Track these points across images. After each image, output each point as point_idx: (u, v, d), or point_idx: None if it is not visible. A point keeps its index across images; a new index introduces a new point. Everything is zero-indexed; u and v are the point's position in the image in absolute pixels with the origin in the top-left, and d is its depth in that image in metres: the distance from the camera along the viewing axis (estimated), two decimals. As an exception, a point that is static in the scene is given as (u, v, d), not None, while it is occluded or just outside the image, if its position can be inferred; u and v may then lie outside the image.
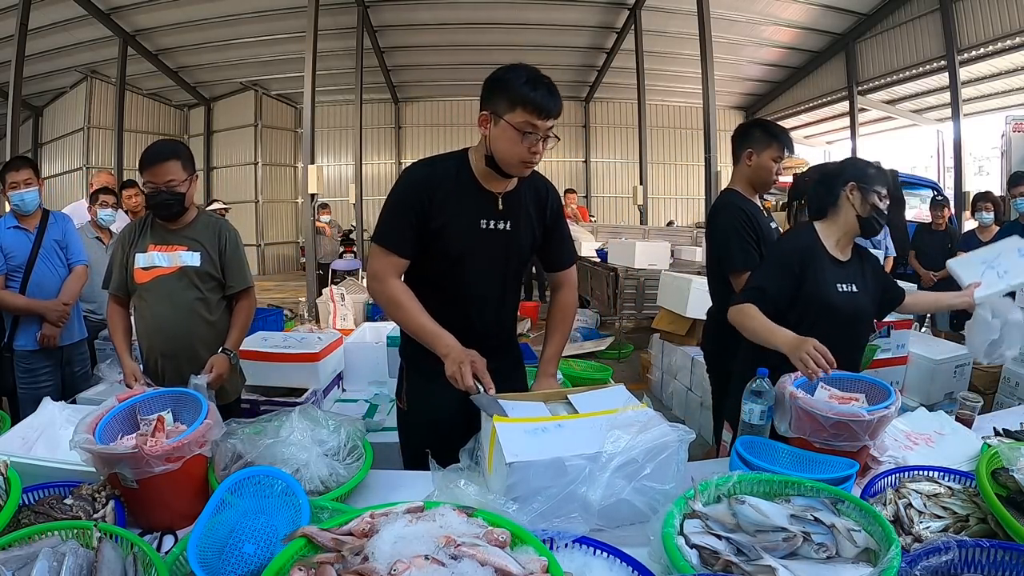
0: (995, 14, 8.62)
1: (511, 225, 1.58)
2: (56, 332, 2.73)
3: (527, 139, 1.43)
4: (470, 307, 1.61)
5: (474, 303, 1.61)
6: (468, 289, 1.59)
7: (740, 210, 2.13)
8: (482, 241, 1.56)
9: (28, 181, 2.70)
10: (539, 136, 1.44)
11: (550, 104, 1.43)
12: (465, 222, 1.54)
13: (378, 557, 0.85)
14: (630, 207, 12.98)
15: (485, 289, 1.61)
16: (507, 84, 1.43)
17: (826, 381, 1.55)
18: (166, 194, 2.00)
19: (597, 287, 6.59)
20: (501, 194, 1.56)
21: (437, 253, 1.55)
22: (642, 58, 10.54)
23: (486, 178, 1.55)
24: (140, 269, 2.06)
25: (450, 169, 1.55)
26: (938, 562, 0.94)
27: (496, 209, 1.56)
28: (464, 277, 1.58)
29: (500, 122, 1.44)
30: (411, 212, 1.51)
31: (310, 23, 7.64)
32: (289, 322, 5.44)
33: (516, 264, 1.66)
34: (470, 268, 1.57)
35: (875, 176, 1.74)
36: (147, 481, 1.19)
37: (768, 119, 2.16)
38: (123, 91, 10.67)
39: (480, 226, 1.55)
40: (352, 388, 3.16)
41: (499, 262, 1.60)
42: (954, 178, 8.99)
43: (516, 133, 1.42)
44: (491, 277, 1.61)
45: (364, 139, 12.06)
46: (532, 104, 1.41)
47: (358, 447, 1.44)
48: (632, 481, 1.12)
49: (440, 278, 1.58)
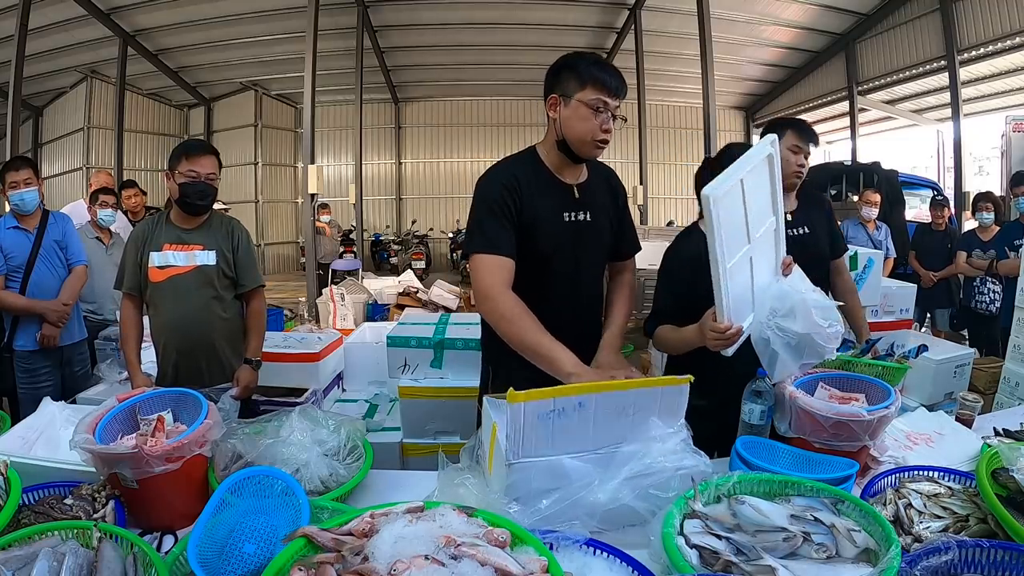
0: (995, 14, 8.62)
1: (591, 215, 1.58)
2: (56, 332, 2.73)
3: (599, 116, 1.45)
4: (566, 306, 1.56)
5: (569, 301, 1.58)
6: (563, 287, 1.56)
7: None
8: (568, 234, 1.54)
9: (28, 181, 2.70)
10: (610, 113, 1.45)
11: (619, 82, 1.46)
12: (551, 216, 1.53)
13: (378, 557, 0.85)
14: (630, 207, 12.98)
15: (578, 285, 1.59)
16: (576, 66, 1.46)
17: (826, 381, 1.55)
18: (205, 184, 2.08)
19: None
20: (576, 184, 1.57)
21: (528, 253, 1.50)
22: (642, 58, 10.54)
23: (559, 169, 1.56)
24: (155, 268, 2.10)
25: (527, 166, 1.55)
26: (938, 562, 0.93)
27: (573, 199, 1.56)
28: (557, 274, 1.55)
29: (571, 102, 1.45)
30: (506, 211, 1.48)
31: (310, 23, 7.64)
32: (289, 322, 5.44)
33: (602, 256, 1.66)
34: (561, 263, 1.55)
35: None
36: (147, 481, 1.19)
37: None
38: (123, 91, 10.67)
39: (564, 219, 1.54)
40: (352, 388, 3.15)
41: (587, 254, 1.59)
42: (954, 178, 8.99)
43: (588, 110, 1.44)
44: (583, 271, 1.59)
45: (364, 139, 12.07)
46: (602, 82, 1.43)
47: (358, 447, 1.44)
48: (637, 490, 1.12)
49: (534, 280, 1.53)
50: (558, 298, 1.55)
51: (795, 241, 1.78)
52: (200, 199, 2.09)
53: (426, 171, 14.72)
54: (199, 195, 2.08)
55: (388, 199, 14.89)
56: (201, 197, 2.09)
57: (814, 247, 1.91)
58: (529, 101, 13.70)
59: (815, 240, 1.93)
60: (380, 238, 13.48)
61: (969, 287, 4.44)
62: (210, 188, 2.10)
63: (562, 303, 1.56)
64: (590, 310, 1.65)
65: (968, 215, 6.31)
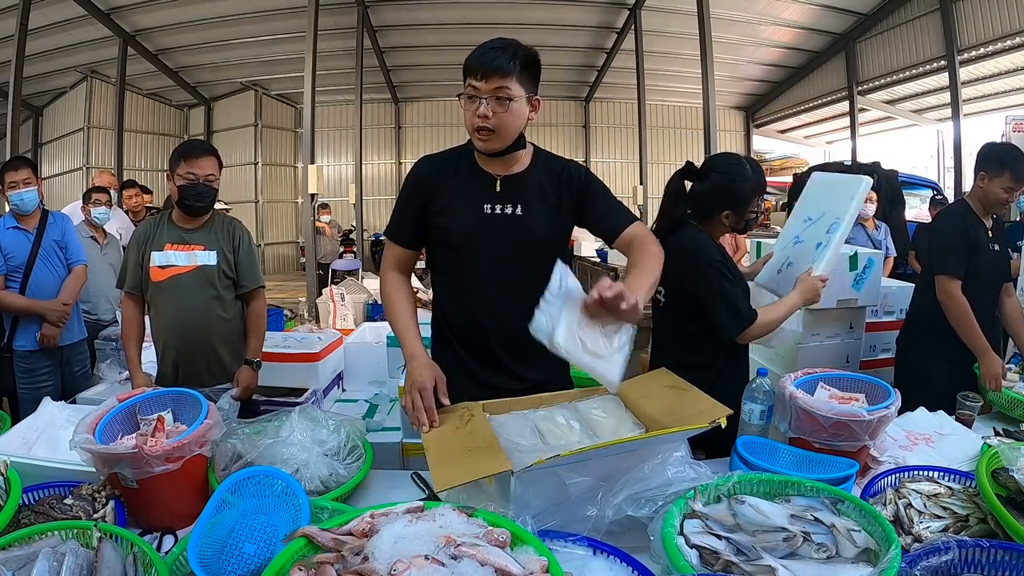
0: (995, 14, 8.62)
1: (521, 209, 1.46)
2: (56, 332, 2.73)
3: (469, 104, 1.37)
4: (482, 302, 1.48)
5: (487, 298, 1.48)
6: (478, 282, 1.48)
7: (961, 218, 2.26)
8: (487, 227, 1.45)
9: (27, 181, 2.70)
10: (479, 98, 1.35)
11: (481, 60, 1.33)
12: (465, 207, 1.46)
13: (378, 557, 0.85)
14: (630, 207, 12.96)
15: (498, 282, 1.47)
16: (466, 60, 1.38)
17: (826, 381, 1.55)
18: (204, 186, 2.08)
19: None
20: (502, 177, 1.47)
21: (443, 243, 1.48)
22: (642, 58, 10.54)
23: (486, 162, 1.48)
24: (156, 267, 2.11)
25: (453, 156, 1.52)
26: (938, 562, 0.93)
27: (495, 192, 1.46)
28: (472, 268, 1.48)
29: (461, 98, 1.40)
30: (411, 204, 1.49)
31: (310, 23, 7.64)
32: (289, 322, 5.43)
33: (535, 253, 1.46)
34: (476, 257, 1.46)
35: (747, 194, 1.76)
36: (147, 481, 1.19)
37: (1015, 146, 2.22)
38: (123, 91, 10.67)
39: (483, 211, 1.45)
40: (352, 388, 3.15)
41: (509, 249, 1.46)
42: (954, 178, 8.98)
43: (464, 100, 1.39)
44: (504, 267, 1.46)
45: (364, 139, 12.07)
46: (468, 66, 1.35)
47: (358, 447, 1.44)
48: (639, 500, 1.11)
49: (452, 273, 1.52)
50: (469, 290, 1.50)
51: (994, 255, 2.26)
52: (199, 201, 2.10)
53: (426, 171, 14.69)
54: (197, 197, 2.09)
55: (388, 199, 14.85)
56: (200, 199, 2.09)
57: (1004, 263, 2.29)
58: (529, 101, 13.72)
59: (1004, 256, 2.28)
60: (380, 238, 13.47)
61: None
62: (209, 190, 2.10)
63: (473, 295, 1.50)
64: (510, 305, 1.44)
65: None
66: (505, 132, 1.39)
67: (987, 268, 2.22)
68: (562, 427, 1.33)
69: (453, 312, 1.54)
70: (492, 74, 1.33)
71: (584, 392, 1.49)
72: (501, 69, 1.33)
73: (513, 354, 1.50)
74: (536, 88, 1.41)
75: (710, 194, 1.76)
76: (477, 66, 1.34)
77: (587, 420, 1.36)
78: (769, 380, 1.51)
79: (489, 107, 1.35)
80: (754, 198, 1.76)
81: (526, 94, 1.38)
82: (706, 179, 1.77)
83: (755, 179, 1.75)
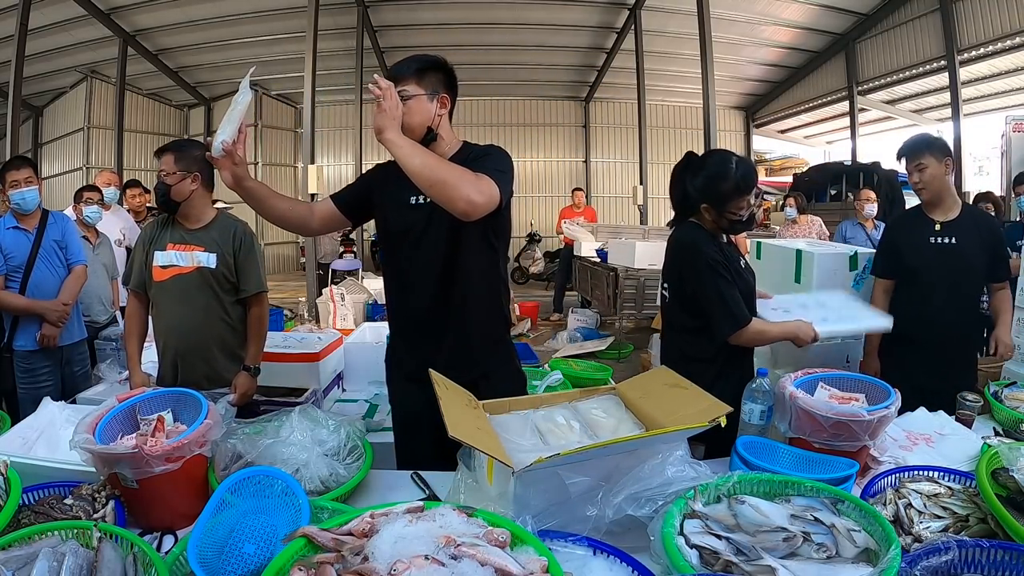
0: (995, 14, 8.61)
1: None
2: (56, 332, 2.73)
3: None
4: (411, 294, 1.61)
5: (414, 290, 1.60)
6: (408, 272, 1.61)
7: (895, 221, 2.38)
8: (414, 217, 1.56)
9: (29, 180, 2.71)
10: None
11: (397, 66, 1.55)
12: (396, 196, 1.58)
13: (378, 557, 0.85)
14: (630, 207, 12.97)
15: (425, 274, 1.56)
16: None
17: (826, 381, 1.55)
18: (161, 184, 2.10)
19: (597, 287, 6.58)
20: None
21: (384, 233, 1.64)
22: (642, 58, 10.53)
23: None
24: (158, 267, 2.11)
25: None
26: (938, 562, 0.93)
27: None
28: (403, 258, 1.60)
29: None
30: (364, 178, 1.71)
31: (310, 23, 7.64)
32: (289, 322, 5.44)
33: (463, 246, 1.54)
34: (403, 246, 1.59)
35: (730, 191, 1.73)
36: (147, 481, 1.19)
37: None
38: (123, 91, 10.66)
39: (411, 202, 1.56)
40: (352, 388, 3.15)
41: (432, 241, 1.54)
42: (954, 178, 8.97)
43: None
44: (430, 259, 1.56)
45: (364, 139, 12.06)
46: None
47: (358, 447, 1.44)
48: (639, 500, 1.11)
49: (391, 264, 1.65)
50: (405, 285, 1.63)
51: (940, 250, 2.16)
52: (159, 196, 2.13)
53: (426, 171, 14.69)
54: (161, 195, 2.11)
55: (388, 199, 14.89)
56: (159, 195, 2.12)
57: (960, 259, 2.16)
58: (528, 101, 13.70)
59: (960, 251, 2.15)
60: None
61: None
62: (164, 185, 2.09)
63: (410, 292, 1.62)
64: (454, 307, 1.57)
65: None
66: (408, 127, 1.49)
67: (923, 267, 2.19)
68: (562, 427, 1.34)
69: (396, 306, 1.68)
70: (393, 78, 1.51)
71: (584, 392, 1.49)
72: (400, 73, 1.53)
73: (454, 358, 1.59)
74: (444, 88, 1.59)
75: (695, 188, 1.76)
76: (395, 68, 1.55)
77: (587, 420, 1.37)
78: (769, 380, 1.51)
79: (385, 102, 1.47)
80: (736, 198, 1.70)
81: (426, 92, 1.54)
82: (695, 173, 1.78)
83: (737, 178, 1.69)
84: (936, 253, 2.17)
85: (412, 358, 1.64)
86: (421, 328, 1.62)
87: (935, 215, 2.22)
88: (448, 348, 1.59)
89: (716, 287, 1.66)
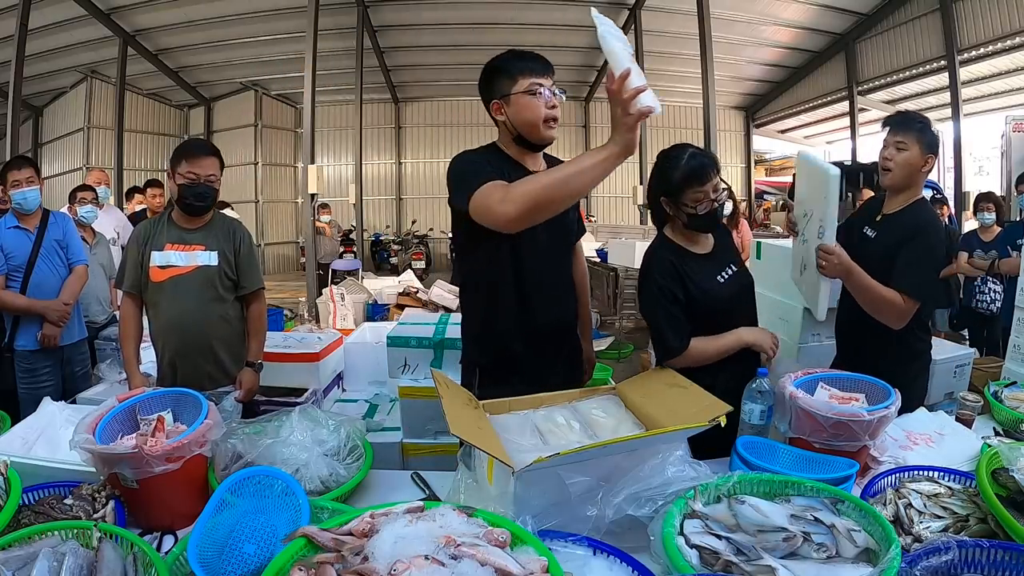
0: (995, 14, 8.62)
1: None
2: (57, 332, 2.73)
3: (541, 96, 1.52)
4: (534, 294, 1.61)
5: (537, 289, 1.61)
6: (529, 274, 1.60)
7: None
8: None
9: (30, 179, 2.71)
10: (550, 90, 1.53)
11: (541, 63, 1.56)
12: None
13: (378, 557, 0.85)
14: (630, 207, 13.00)
15: (546, 273, 1.63)
16: (499, 68, 1.56)
17: (826, 381, 1.55)
18: (205, 186, 2.08)
19: (597, 287, 6.59)
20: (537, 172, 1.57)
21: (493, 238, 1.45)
22: (642, 58, 10.52)
23: (522, 158, 1.62)
24: (156, 268, 2.10)
25: (492, 154, 1.61)
26: (938, 562, 0.93)
27: None
28: (524, 261, 1.59)
29: (511, 98, 1.53)
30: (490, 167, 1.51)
31: (310, 23, 7.65)
32: (289, 322, 5.44)
33: (565, 239, 1.72)
34: (529, 249, 1.58)
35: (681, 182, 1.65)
36: (147, 481, 1.19)
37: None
38: (123, 91, 10.67)
39: None
40: (352, 388, 3.15)
41: (555, 241, 1.64)
42: (954, 178, 8.99)
43: (529, 97, 1.52)
44: (551, 258, 1.63)
45: (364, 139, 12.07)
46: (528, 67, 1.53)
47: (358, 447, 1.44)
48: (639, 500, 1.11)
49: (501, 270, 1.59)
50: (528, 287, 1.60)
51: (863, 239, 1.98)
52: (199, 200, 2.09)
53: (426, 171, 14.71)
54: (198, 197, 2.08)
55: (388, 199, 14.89)
56: (200, 199, 2.09)
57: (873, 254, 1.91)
58: (529, 101, 13.72)
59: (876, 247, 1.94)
60: (380, 238, 13.48)
61: (969, 287, 4.43)
62: (210, 189, 2.09)
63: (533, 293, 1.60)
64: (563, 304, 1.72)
65: (969, 215, 6.30)
66: None
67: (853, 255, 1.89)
68: (562, 427, 1.34)
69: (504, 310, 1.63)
70: (550, 74, 1.57)
71: (584, 392, 1.49)
72: (553, 71, 1.58)
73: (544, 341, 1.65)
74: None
75: (653, 179, 1.74)
76: (539, 66, 1.55)
77: (587, 420, 1.37)
78: (769, 380, 1.51)
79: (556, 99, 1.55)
80: (687, 188, 1.62)
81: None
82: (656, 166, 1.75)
83: (688, 168, 1.62)
84: (860, 242, 1.99)
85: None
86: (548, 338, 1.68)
87: (887, 206, 2.02)
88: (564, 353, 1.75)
89: (654, 314, 1.66)
